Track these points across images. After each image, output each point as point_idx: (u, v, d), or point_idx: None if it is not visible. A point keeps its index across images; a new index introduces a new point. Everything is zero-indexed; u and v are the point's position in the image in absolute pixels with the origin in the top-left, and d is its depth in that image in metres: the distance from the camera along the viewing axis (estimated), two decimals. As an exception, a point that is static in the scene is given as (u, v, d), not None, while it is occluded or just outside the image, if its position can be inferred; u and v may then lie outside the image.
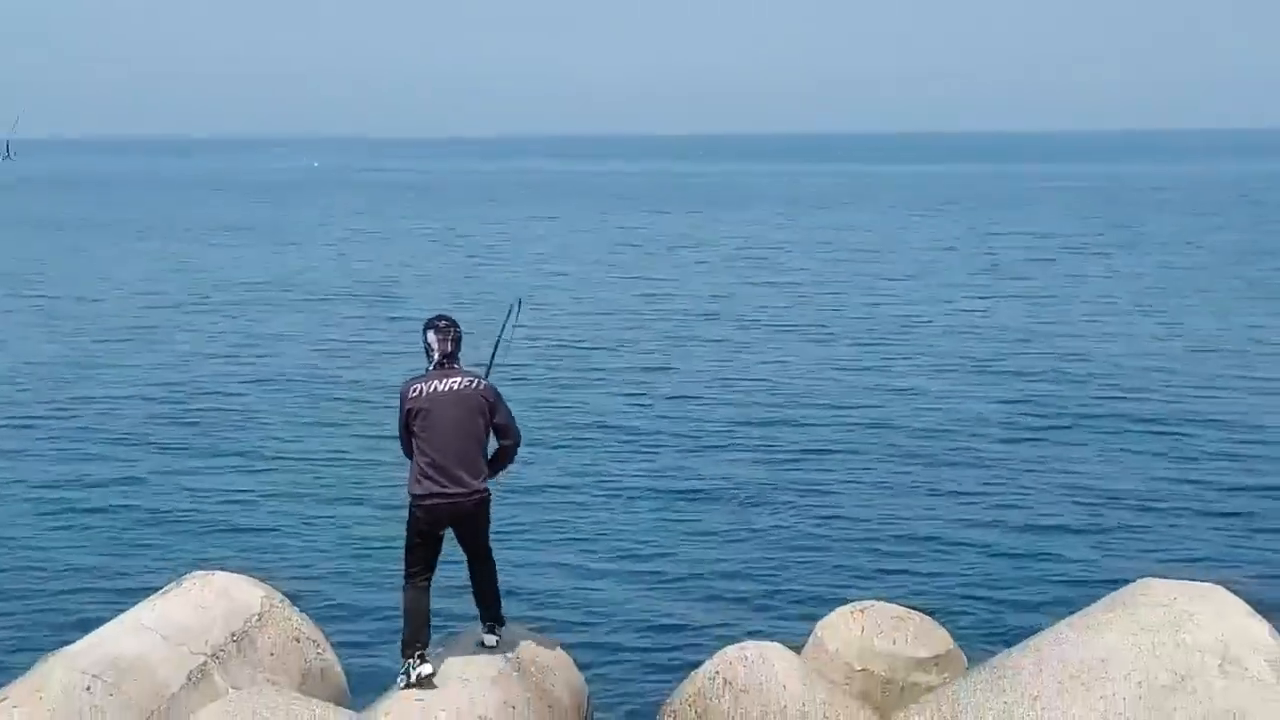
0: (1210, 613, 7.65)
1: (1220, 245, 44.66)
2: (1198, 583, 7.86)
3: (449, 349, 8.76)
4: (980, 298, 31.96)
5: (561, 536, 13.83)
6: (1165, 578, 8.00)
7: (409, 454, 8.70)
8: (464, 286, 35.47)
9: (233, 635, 8.30)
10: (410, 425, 8.56)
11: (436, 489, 8.57)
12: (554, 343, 25.50)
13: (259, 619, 8.51)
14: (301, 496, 15.20)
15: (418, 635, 8.68)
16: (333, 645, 8.99)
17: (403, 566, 8.83)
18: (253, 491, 15.42)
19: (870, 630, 8.57)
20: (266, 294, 34.19)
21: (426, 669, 8.32)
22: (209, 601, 8.43)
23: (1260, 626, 7.59)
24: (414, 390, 8.59)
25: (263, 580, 8.99)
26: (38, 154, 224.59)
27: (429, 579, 8.87)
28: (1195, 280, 34.83)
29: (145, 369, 23.36)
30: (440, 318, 8.98)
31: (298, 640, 8.65)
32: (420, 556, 8.80)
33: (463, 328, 9.05)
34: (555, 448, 17.07)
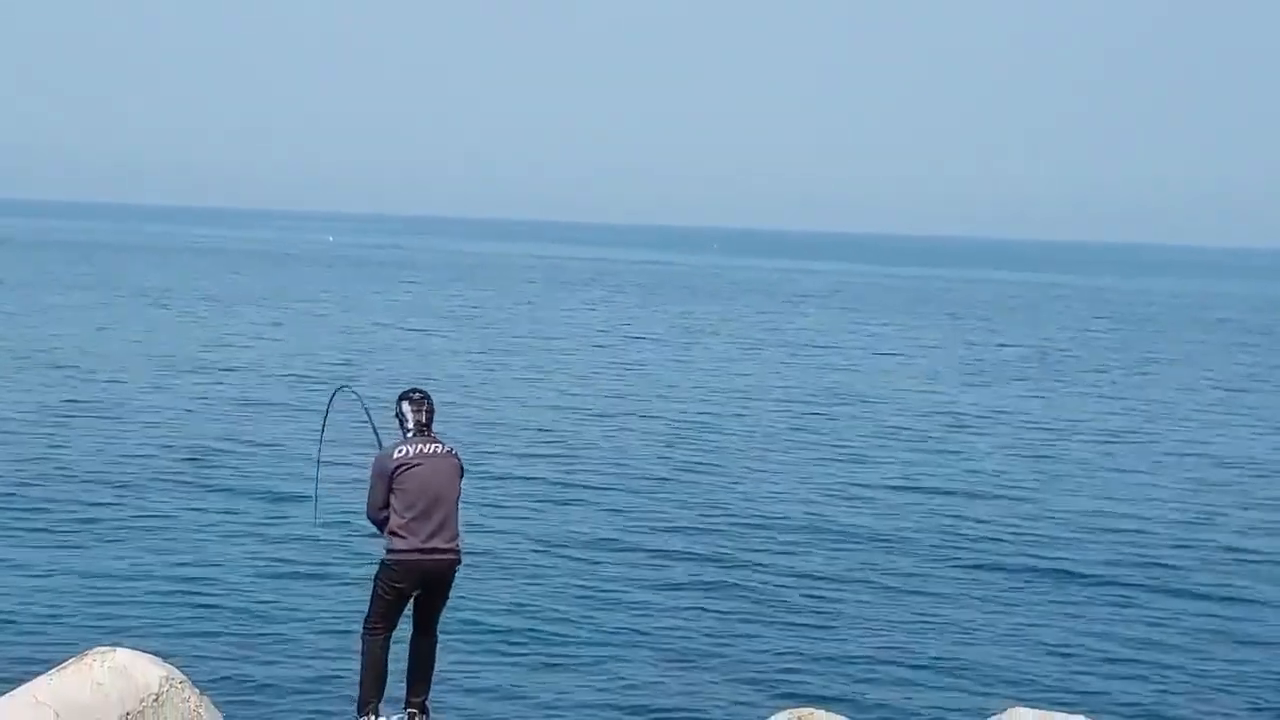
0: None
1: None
2: (1065, 713, 8.12)
3: (424, 419, 9.20)
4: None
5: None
6: (1034, 706, 8.25)
7: (379, 515, 8.96)
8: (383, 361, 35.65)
9: (128, 715, 8.25)
10: (393, 483, 8.82)
11: (421, 545, 8.86)
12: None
13: (156, 699, 8.42)
14: (218, 572, 14.86)
15: (376, 691, 8.93)
16: (233, 728, 9.08)
17: (367, 623, 9.02)
18: (162, 566, 15.04)
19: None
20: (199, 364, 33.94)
21: None
22: (106, 680, 8.36)
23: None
24: (400, 450, 9.01)
25: (165, 659, 9.07)
26: (34, 215, 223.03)
27: (390, 635, 9.09)
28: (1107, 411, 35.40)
29: (60, 434, 22.68)
30: (414, 390, 9.48)
31: (195, 722, 8.73)
32: (388, 613, 9.03)
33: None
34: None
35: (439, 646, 9.41)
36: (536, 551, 16.36)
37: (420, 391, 9.43)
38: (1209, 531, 19.04)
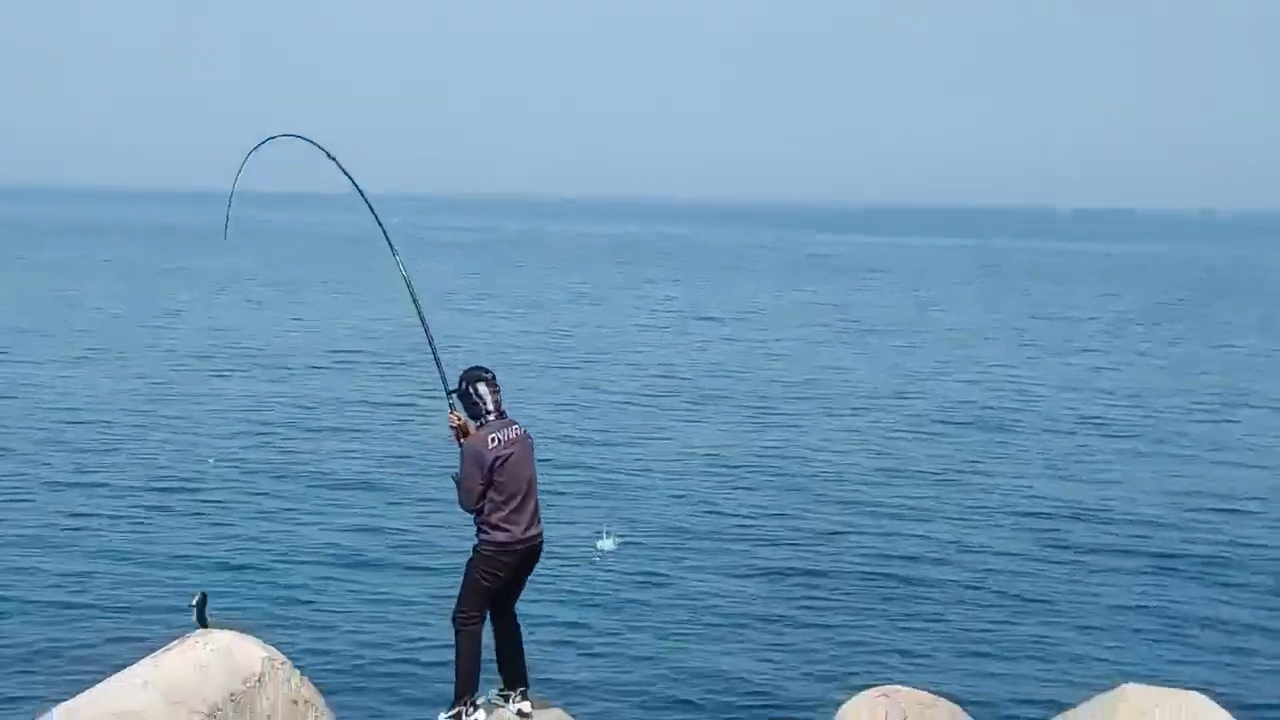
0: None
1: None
2: (1178, 689, 7.95)
3: (500, 399, 9.06)
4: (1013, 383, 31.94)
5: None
6: (1146, 683, 8.08)
7: (475, 505, 8.85)
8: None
9: (231, 696, 8.25)
10: (493, 475, 8.76)
11: (521, 534, 8.85)
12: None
13: (259, 681, 8.47)
14: (314, 555, 15.15)
15: (475, 681, 8.97)
16: (333, 709, 8.95)
17: (462, 613, 8.93)
18: (264, 549, 15.35)
19: (894, 715, 8.30)
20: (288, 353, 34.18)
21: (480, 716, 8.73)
22: (209, 661, 8.43)
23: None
24: (493, 440, 8.87)
25: (265, 642, 9.11)
26: (87, 202, 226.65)
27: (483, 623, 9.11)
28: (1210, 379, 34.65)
29: (154, 421, 23.21)
30: (483, 369, 9.20)
31: (296, 703, 8.54)
32: (484, 602, 9.00)
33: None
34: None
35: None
36: (602, 538, 16.29)
37: (490, 371, 9.27)
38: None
